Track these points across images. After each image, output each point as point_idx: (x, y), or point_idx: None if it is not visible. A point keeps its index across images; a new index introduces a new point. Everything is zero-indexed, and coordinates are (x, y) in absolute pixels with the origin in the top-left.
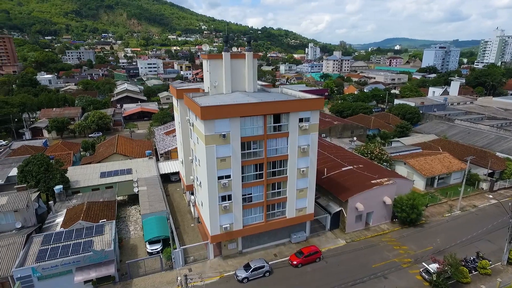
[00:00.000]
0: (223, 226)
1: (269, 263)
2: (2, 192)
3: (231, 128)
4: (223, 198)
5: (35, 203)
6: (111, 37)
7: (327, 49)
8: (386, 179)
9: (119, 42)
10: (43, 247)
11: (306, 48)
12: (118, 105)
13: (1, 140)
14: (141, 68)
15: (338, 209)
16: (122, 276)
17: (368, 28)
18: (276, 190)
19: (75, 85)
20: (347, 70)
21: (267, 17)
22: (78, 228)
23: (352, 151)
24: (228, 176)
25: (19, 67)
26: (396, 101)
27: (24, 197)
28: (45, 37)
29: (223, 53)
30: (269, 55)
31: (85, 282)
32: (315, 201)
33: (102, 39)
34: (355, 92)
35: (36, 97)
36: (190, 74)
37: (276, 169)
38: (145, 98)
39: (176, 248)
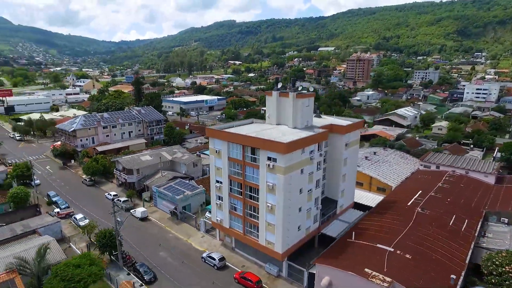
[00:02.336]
0: (217, 218)
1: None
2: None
3: (222, 147)
4: (218, 197)
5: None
6: (482, 56)
7: None
8: (386, 279)
9: (488, 62)
10: (172, 184)
11: None
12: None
13: None
14: (467, 93)
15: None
16: (182, 217)
17: None
18: (252, 212)
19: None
20: None
21: None
22: (187, 183)
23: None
24: (221, 182)
25: (367, 83)
26: None
27: (193, 158)
28: (417, 57)
29: (272, 91)
30: None
31: (169, 210)
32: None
33: (471, 59)
34: None
35: None
36: None
37: (253, 194)
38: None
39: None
